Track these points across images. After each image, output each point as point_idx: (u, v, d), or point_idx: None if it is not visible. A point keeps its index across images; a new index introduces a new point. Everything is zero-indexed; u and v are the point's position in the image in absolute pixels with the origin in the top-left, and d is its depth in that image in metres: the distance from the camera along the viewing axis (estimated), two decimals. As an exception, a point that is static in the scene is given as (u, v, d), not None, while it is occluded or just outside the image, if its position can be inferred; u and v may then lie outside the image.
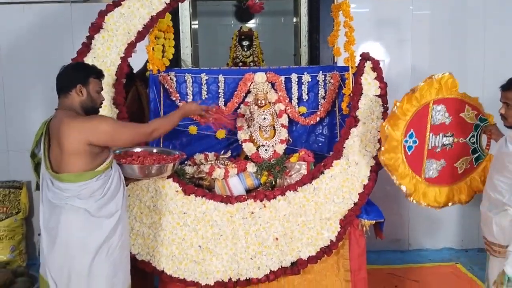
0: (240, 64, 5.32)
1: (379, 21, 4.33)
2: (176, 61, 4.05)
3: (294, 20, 5.66)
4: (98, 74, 2.33)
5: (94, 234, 2.21)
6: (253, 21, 7.40)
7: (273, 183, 3.00)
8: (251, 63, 5.26)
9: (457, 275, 4.01)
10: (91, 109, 2.29)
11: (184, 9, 6.28)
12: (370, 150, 2.87)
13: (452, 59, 4.32)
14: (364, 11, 4.29)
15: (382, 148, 2.64)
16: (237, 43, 5.28)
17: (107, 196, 2.24)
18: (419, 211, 4.43)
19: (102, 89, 2.34)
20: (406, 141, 2.68)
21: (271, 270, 2.76)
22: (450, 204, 2.80)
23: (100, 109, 2.36)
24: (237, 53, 5.32)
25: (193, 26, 6.36)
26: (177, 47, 3.57)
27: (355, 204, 2.85)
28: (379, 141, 2.87)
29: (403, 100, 2.63)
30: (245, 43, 5.29)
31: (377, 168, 2.88)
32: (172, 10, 2.97)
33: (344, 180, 2.85)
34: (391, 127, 2.63)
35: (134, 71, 3.42)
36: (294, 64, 5.89)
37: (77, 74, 2.26)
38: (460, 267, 4.15)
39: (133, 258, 2.70)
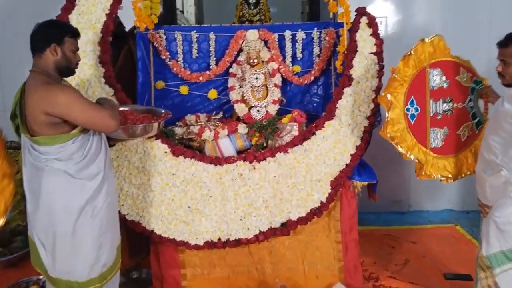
0: (246, 22, 5.16)
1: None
2: (171, 22, 3.91)
3: None
4: (73, 33, 2.22)
5: (76, 195, 2.18)
6: None
7: (264, 144, 2.95)
8: (258, 22, 5.10)
9: (456, 236, 3.98)
10: (66, 70, 2.20)
11: (187, -35, 6.08)
12: (364, 110, 2.78)
13: (458, 17, 4.09)
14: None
15: (387, 119, 2.51)
16: (243, 1, 5.08)
17: (87, 159, 2.19)
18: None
19: (78, 49, 2.24)
20: (408, 109, 2.56)
21: (260, 231, 2.75)
22: (460, 177, 2.70)
23: (76, 69, 2.27)
24: (243, 11, 5.15)
25: None
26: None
27: (346, 165, 2.79)
28: (373, 100, 2.78)
29: (400, 64, 2.53)
30: (252, 0, 5.11)
31: (370, 129, 2.80)
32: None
33: (336, 141, 2.78)
34: (392, 94, 2.52)
35: (126, 30, 3.32)
36: (302, 19, 5.70)
37: (51, 33, 2.15)
38: (459, 228, 4.12)
39: (123, 219, 2.72)
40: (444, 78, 2.60)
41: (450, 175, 2.68)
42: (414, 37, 2.57)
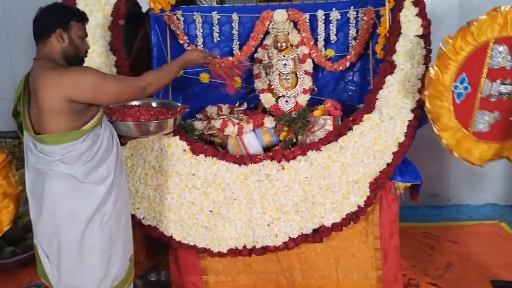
0: None
1: None
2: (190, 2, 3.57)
3: None
4: (80, 16, 1.98)
5: (83, 202, 1.96)
6: None
7: (294, 140, 2.64)
8: None
9: (501, 235, 3.64)
10: (74, 58, 1.96)
11: None
12: (408, 102, 2.45)
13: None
14: None
15: (426, 92, 2.26)
16: None
17: (96, 159, 1.96)
18: (460, 162, 3.94)
19: (86, 35, 1.99)
20: (456, 87, 2.29)
21: (290, 238, 2.49)
22: (495, 159, 2.47)
23: (85, 58, 2.01)
24: None
25: None
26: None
27: (388, 165, 2.47)
28: (420, 90, 2.43)
29: (457, 36, 2.22)
30: None
31: (415, 123, 2.46)
32: None
33: (376, 138, 2.46)
34: (438, 68, 2.23)
35: (144, 11, 3.02)
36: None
37: (56, 17, 1.92)
38: (504, 226, 3.77)
39: (139, 223, 2.49)
40: (509, 57, 2.28)
41: (480, 163, 2.45)
42: (464, 12, 2.24)
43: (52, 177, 1.92)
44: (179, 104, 2.41)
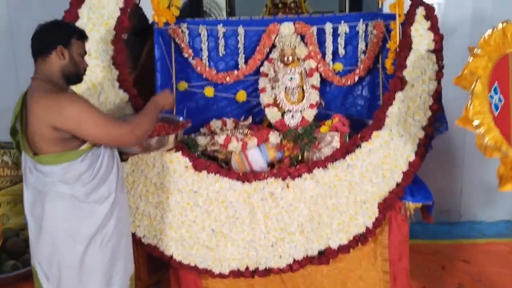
0: (280, 5, 4.90)
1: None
2: (197, 11, 3.52)
3: None
4: (81, 34, 1.94)
5: (84, 222, 1.92)
6: None
7: (300, 157, 2.56)
8: (292, 4, 4.81)
9: (516, 255, 3.51)
10: (74, 76, 1.92)
11: None
12: (419, 119, 2.36)
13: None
14: None
15: (469, 104, 1.92)
16: None
17: (98, 179, 1.92)
18: (473, 176, 3.89)
19: (85, 53, 1.96)
20: (492, 97, 1.99)
21: (294, 259, 2.40)
22: None
23: (84, 76, 1.96)
24: None
25: None
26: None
27: (397, 184, 2.38)
28: (431, 107, 2.34)
29: (484, 41, 1.99)
30: None
31: (426, 141, 2.37)
32: None
33: (385, 156, 2.37)
34: (475, 73, 1.95)
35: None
36: (339, 7, 5.27)
37: (57, 34, 1.88)
38: (519, 245, 3.64)
39: (138, 241, 2.42)
40: None
41: None
42: (477, 21, 2.16)
43: (52, 197, 1.88)
44: (181, 119, 2.35)
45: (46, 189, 1.88)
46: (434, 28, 2.32)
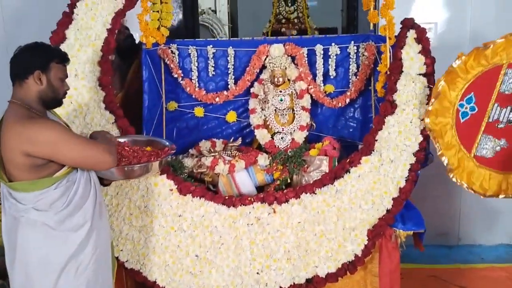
0: (283, 21, 4.92)
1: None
2: (192, 31, 3.51)
3: None
4: (61, 57, 1.88)
5: (55, 250, 1.85)
6: None
7: (289, 180, 2.50)
8: (295, 20, 4.86)
9: (515, 281, 3.40)
10: (51, 101, 1.86)
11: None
12: (410, 144, 2.29)
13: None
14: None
15: (430, 108, 2.20)
16: None
17: (71, 207, 1.85)
18: (472, 199, 3.78)
19: (66, 76, 1.90)
20: (462, 105, 2.23)
21: (281, 287, 2.32)
22: (501, 196, 2.31)
23: (64, 99, 1.91)
24: (280, 8, 5.00)
25: None
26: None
27: (387, 211, 2.31)
28: (422, 132, 2.28)
29: (470, 55, 2.17)
30: None
31: (418, 167, 2.30)
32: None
33: (375, 182, 2.31)
34: (446, 83, 2.18)
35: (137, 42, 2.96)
36: (341, 23, 5.27)
37: (35, 58, 1.82)
38: (519, 270, 3.53)
39: (122, 266, 2.36)
40: None
41: (483, 192, 2.29)
42: (467, 44, 2.16)
43: (25, 224, 1.83)
44: (167, 143, 2.29)
45: (19, 216, 1.83)
46: (425, 51, 2.27)
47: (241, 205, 2.31)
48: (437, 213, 3.77)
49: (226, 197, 2.35)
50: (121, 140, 2.22)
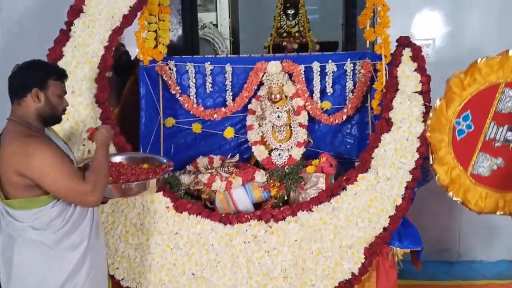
0: (285, 34, 4.97)
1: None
2: (192, 47, 3.52)
3: None
4: (59, 74, 1.88)
5: (53, 270, 1.85)
6: None
7: (286, 197, 2.50)
8: (297, 33, 4.95)
9: (517, 298, 3.37)
10: (50, 118, 1.87)
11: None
12: (406, 162, 2.28)
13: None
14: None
15: (428, 122, 2.23)
16: (281, 12, 4.99)
17: (69, 225, 1.85)
18: (472, 215, 3.71)
19: (65, 93, 1.90)
20: (458, 123, 2.23)
21: (277, 306, 2.30)
22: (498, 213, 2.32)
23: (62, 115, 1.92)
24: (281, 22, 5.09)
25: None
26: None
27: (384, 229, 2.30)
28: (419, 150, 2.28)
29: (467, 72, 2.19)
30: (290, 11, 5.05)
31: (414, 185, 2.29)
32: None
33: (371, 199, 2.30)
34: (444, 100, 2.21)
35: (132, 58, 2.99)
36: (342, 36, 5.30)
37: (33, 76, 1.82)
38: (520, 287, 3.49)
39: (117, 284, 2.34)
40: None
41: (478, 210, 2.32)
42: (466, 60, 2.17)
43: (22, 243, 1.82)
44: (165, 160, 2.28)
45: (16, 235, 1.82)
46: (421, 69, 2.28)
47: (237, 223, 2.31)
48: (438, 228, 3.74)
49: (223, 215, 2.35)
50: (119, 158, 2.23)
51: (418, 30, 3.41)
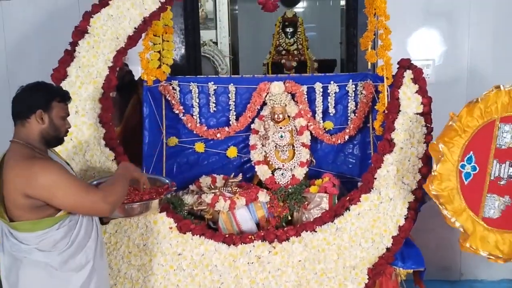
0: (284, 52, 5.02)
1: (426, 8, 3.60)
2: (194, 65, 3.55)
3: (342, 3, 5.13)
4: (63, 96, 1.91)
5: None
6: (299, 5, 7.01)
7: (289, 218, 2.50)
8: (295, 51, 5.02)
9: (519, 317, 3.35)
10: (53, 140, 1.88)
11: (222, -4, 5.86)
12: (408, 183, 2.30)
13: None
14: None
15: (433, 173, 2.10)
16: (280, 30, 5.07)
17: (75, 246, 1.85)
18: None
19: (68, 115, 1.93)
20: (463, 166, 2.14)
21: (281, 328, 2.29)
22: None
23: (65, 137, 1.93)
24: (280, 40, 5.16)
25: (233, 12, 5.97)
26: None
27: (387, 249, 2.30)
28: (420, 170, 2.29)
29: (463, 111, 2.11)
30: (289, 30, 5.13)
31: (416, 205, 2.31)
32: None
33: (374, 220, 2.30)
34: (445, 145, 2.10)
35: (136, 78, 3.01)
36: (340, 55, 5.37)
37: (37, 97, 1.84)
38: (522, 306, 3.48)
39: (120, 305, 2.33)
40: None
41: (501, 255, 2.17)
42: (465, 79, 2.18)
43: (27, 265, 1.82)
44: (167, 181, 2.29)
45: (21, 257, 1.82)
46: (422, 91, 2.31)
47: (241, 243, 2.31)
48: (439, 247, 3.73)
49: (226, 235, 2.35)
50: None
51: (417, 50, 3.45)
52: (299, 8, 7.16)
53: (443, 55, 3.63)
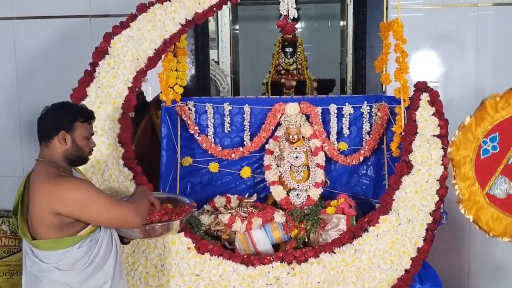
0: (283, 72, 5.06)
1: (433, 31, 3.67)
2: (203, 86, 3.58)
3: (341, 23, 5.19)
4: (86, 117, 1.92)
5: None
6: (298, 25, 7.07)
7: (306, 238, 2.50)
8: (294, 71, 5.01)
9: None
10: (77, 160, 1.89)
11: (224, 16, 5.90)
12: (427, 204, 2.32)
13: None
14: (416, 16, 3.62)
15: (453, 138, 2.26)
16: (279, 50, 5.08)
17: (93, 266, 1.85)
18: (482, 252, 3.77)
19: (92, 134, 1.93)
20: (485, 142, 2.28)
21: None
22: (505, 239, 2.34)
23: (90, 156, 1.94)
24: (279, 60, 5.18)
25: (233, 32, 6.02)
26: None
27: (406, 271, 2.31)
28: (438, 192, 2.32)
29: (503, 96, 2.24)
30: (288, 50, 5.14)
31: (434, 227, 2.32)
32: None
33: (393, 241, 2.31)
34: (475, 118, 2.25)
35: (148, 98, 3.04)
36: (340, 74, 5.42)
37: (59, 119, 1.85)
38: (531, 328, 3.47)
39: (136, 327, 2.30)
40: None
41: (487, 230, 2.31)
42: (473, 100, 2.24)
43: (46, 284, 1.81)
44: (187, 200, 2.29)
45: (40, 275, 1.81)
46: (439, 113, 2.34)
47: (260, 264, 2.30)
48: (446, 267, 3.72)
49: (245, 256, 2.34)
50: None
51: (425, 72, 3.51)
52: (298, 28, 7.24)
53: (448, 77, 3.69)
